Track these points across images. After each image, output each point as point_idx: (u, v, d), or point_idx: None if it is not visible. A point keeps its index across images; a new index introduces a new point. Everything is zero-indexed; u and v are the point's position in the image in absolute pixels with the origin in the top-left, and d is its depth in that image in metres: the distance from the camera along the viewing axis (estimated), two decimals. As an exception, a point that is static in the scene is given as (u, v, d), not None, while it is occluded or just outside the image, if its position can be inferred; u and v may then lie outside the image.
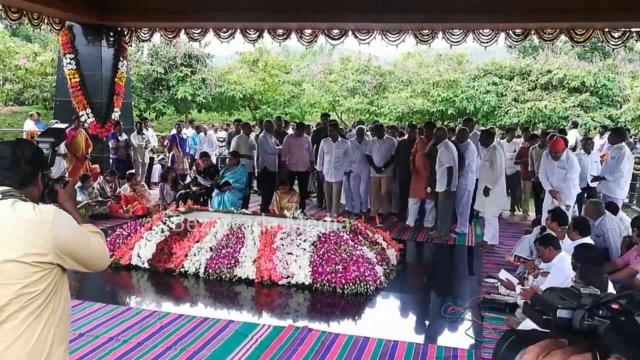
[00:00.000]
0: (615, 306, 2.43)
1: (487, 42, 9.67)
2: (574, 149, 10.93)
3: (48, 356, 1.91)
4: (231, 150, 9.97)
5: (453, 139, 8.36)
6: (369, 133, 10.49)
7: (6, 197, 1.92)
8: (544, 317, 2.67)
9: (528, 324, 3.48)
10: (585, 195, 8.52)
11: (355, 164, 9.46)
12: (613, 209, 6.79)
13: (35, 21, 10.05)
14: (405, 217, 9.08)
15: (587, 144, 9.21)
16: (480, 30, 9.59)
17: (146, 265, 6.33)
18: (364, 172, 9.58)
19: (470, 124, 9.70)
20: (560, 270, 4.52)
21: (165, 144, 13.72)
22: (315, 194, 11.38)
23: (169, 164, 12.20)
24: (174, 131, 13.25)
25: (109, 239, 6.69)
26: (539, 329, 2.83)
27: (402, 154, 9.02)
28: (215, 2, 9.94)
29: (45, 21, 10.31)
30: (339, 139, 9.29)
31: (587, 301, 2.54)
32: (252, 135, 10.66)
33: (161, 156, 14.08)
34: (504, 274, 5.47)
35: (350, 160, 9.30)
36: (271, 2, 9.60)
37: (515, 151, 10.03)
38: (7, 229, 1.85)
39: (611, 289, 3.67)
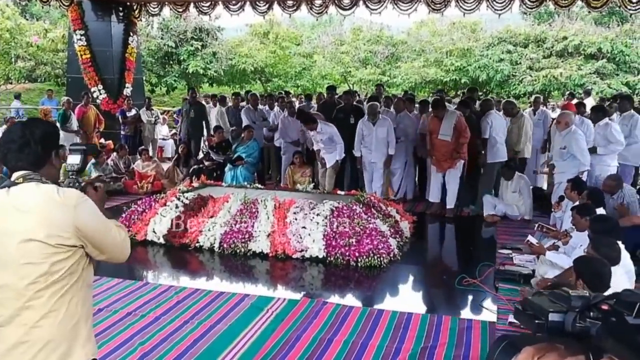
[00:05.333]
0: (605, 307, 2.45)
1: (501, 10, 9.40)
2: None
3: (76, 330, 1.98)
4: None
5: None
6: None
7: (27, 181, 1.94)
8: (537, 321, 2.67)
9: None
10: None
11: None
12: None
13: (45, -3, 10.02)
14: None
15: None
16: (494, -3, 9.35)
17: (162, 240, 6.40)
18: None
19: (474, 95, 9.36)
20: None
21: (175, 119, 13.74)
22: None
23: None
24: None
25: (124, 215, 6.77)
26: (535, 333, 2.83)
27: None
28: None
29: (54, -3, 10.29)
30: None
31: (578, 303, 2.55)
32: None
33: (173, 131, 14.11)
34: (532, 239, 5.31)
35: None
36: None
37: (541, 120, 9.24)
38: (31, 209, 1.89)
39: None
